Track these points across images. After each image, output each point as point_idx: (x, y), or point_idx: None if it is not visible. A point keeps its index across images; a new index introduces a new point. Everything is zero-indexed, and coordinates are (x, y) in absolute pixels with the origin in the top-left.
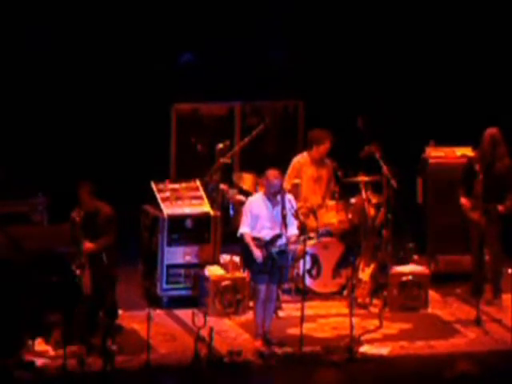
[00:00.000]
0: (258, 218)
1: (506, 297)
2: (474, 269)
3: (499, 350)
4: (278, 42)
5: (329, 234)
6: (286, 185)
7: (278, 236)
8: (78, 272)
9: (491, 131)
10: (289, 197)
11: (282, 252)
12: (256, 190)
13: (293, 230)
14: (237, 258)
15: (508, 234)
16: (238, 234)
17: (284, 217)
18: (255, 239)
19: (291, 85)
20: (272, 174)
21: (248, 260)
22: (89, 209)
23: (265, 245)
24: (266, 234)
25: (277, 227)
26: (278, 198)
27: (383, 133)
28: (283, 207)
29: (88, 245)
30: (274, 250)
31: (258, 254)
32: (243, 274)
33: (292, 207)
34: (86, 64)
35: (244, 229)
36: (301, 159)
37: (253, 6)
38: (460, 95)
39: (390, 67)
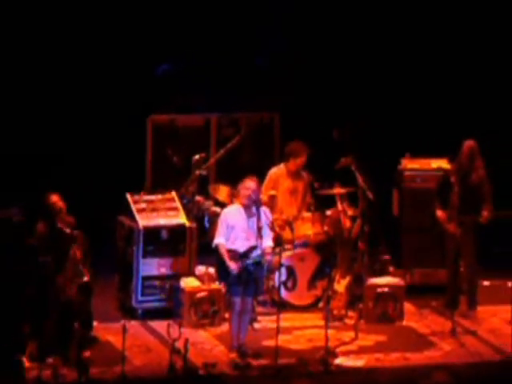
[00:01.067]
0: (233, 228)
1: (481, 309)
2: (449, 281)
3: (474, 363)
4: (256, 53)
5: (305, 245)
6: (263, 196)
7: (253, 248)
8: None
9: (469, 143)
10: (264, 209)
11: (257, 263)
12: (231, 202)
13: (268, 241)
14: (212, 270)
15: (483, 246)
16: (213, 245)
17: (259, 228)
18: (230, 251)
19: (268, 97)
20: (250, 182)
21: (223, 272)
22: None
23: (240, 256)
24: (241, 245)
25: (252, 238)
26: (254, 209)
27: (359, 145)
28: (258, 219)
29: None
30: (249, 261)
31: (233, 265)
32: (219, 285)
33: (267, 219)
34: (61, 74)
35: (219, 240)
36: (277, 171)
37: (232, 18)
38: (435, 108)
39: (366, 80)
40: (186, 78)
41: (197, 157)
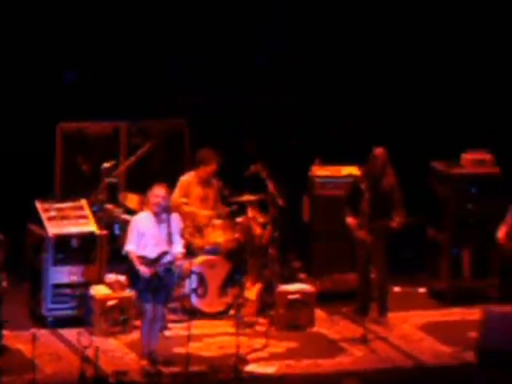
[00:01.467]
0: (143, 235)
1: (392, 315)
2: (360, 287)
3: (385, 368)
4: (169, 60)
5: (215, 252)
6: (174, 203)
7: (164, 253)
8: None
9: (379, 150)
10: (175, 215)
11: (168, 270)
12: (142, 209)
13: (179, 247)
14: (122, 278)
15: (394, 252)
16: (123, 252)
17: (170, 234)
18: (141, 257)
19: (178, 104)
20: (159, 189)
21: (134, 279)
22: None
23: (151, 262)
24: (151, 251)
25: (162, 245)
26: (164, 216)
27: (269, 152)
28: (169, 225)
29: None
30: (160, 268)
31: (143, 270)
32: (129, 293)
33: (178, 226)
34: None
35: (129, 246)
36: (188, 178)
37: (141, 24)
38: (344, 114)
39: (275, 87)
40: (94, 85)
41: (106, 165)
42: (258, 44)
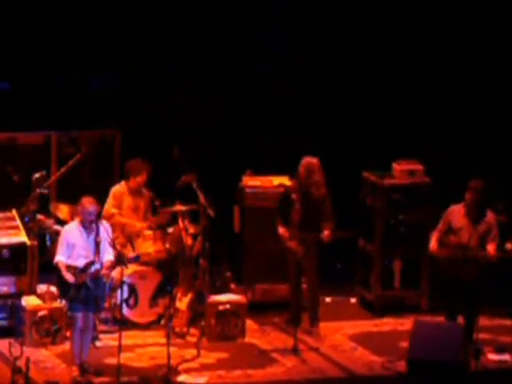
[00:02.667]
0: (74, 246)
1: (323, 325)
2: (291, 297)
3: (316, 379)
4: (95, 70)
5: (137, 259)
6: (106, 214)
7: (91, 263)
8: None
9: (308, 160)
10: (105, 224)
11: (96, 278)
12: (72, 220)
13: (108, 256)
14: (54, 288)
15: (325, 262)
16: (54, 263)
17: (98, 244)
18: (69, 266)
19: (108, 114)
20: (88, 201)
21: (64, 289)
22: None
23: (78, 272)
24: (82, 262)
25: (92, 255)
26: (93, 226)
27: (199, 162)
28: (97, 234)
29: None
30: (88, 277)
31: (69, 277)
32: (60, 303)
33: (108, 235)
34: None
35: (59, 257)
36: (120, 188)
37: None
38: (276, 125)
39: (203, 96)
40: (25, 95)
41: (37, 175)
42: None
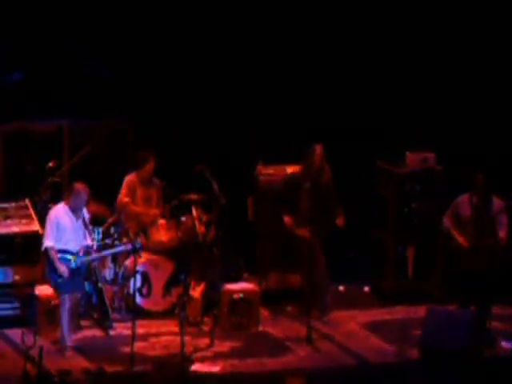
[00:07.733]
0: (64, 230)
1: (337, 313)
2: (304, 286)
3: (330, 367)
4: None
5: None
6: (120, 203)
7: (87, 247)
8: None
9: (319, 147)
10: (84, 210)
11: (87, 262)
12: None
13: (88, 240)
14: None
15: (338, 251)
16: (43, 248)
17: (86, 226)
18: (62, 251)
19: (120, 105)
20: (82, 186)
21: (52, 271)
22: None
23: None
24: (75, 245)
25: (81, 239)
26: (80, 211)
27: (212, 152)
28: (83, 218)
29: None
30: (81, 261)
31: (63, 269)
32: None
33: (86, 217)
34: None
35: (50, 243)
36: (133, 178)
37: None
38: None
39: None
40: (37, 85)
41: (50, 164)
42: None
